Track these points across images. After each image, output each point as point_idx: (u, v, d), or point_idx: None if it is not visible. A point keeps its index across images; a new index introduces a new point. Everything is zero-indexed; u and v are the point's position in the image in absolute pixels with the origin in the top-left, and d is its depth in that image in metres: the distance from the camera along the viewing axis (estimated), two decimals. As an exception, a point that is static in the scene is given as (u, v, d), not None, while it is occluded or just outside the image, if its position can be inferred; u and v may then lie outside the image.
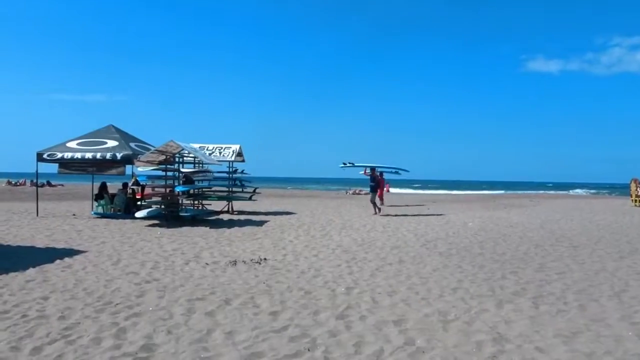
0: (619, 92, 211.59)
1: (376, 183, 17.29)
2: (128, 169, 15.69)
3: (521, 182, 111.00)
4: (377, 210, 17.06)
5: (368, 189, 20.75)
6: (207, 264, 7.91)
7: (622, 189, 48.67)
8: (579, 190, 61.42)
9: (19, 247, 9.38)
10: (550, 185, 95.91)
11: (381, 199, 22.02)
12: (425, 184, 78.84)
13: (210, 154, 17.04)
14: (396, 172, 22.78)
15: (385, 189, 46.85)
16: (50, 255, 8.41)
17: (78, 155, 14.71)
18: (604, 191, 57.90)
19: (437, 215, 17.78)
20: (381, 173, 21.04)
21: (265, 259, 8.34)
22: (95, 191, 16.14)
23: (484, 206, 23.82)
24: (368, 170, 17.75)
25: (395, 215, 17.05)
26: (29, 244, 9.66)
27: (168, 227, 12.68)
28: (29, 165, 15.20)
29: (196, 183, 15.67)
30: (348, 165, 20.80)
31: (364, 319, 5.02)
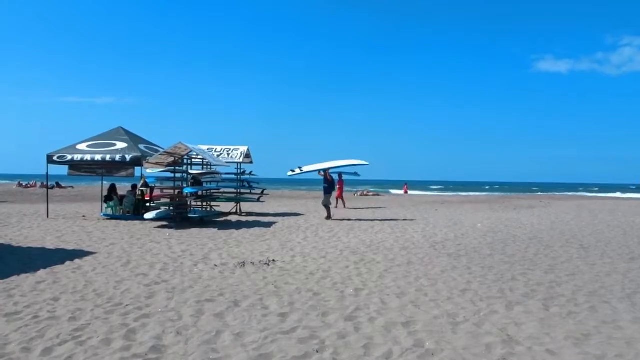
0: (629, 92, 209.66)
1: (329, 185, 16.56)
2: (137, 170, 15.81)
3: (530, 183, 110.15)
4: (329, 214, 16.05)
5: (374, 190, 20.46)
6: (215, 265, 7.94)
7: (633, 191, 48.11)
8: (586, 193, 60.51)
9: (29, 248, 9.47)
10: (560, 186, 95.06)
11: (342, 200, 21.63)
12: (447, 185, 78.40)
13: (218, 156, 17.11)
14: (355, 174, 21.93)
15: (403, 190, 46.09)
16: (60, 256, 8.48)
17: (88, 157, 14.82)
18: (612, 193, 56.97)
19: (446, 216, 17.70)
20: (340, 174, 20.51)
21: (273, 260, 8.35)
22: (105, 193, 16.29)
23: (493, 207, 23.66)
24: (322, 172, 17.34)
25: (349, 220, 16.38)
26: (39, 246, 9.76)
27: (177, 228, 12.74)
28: (39, 167, 15.41)
29: (204, 185, 15.75)
30: (297, 172, 20.25)
31: (372, 321, 5.00)
